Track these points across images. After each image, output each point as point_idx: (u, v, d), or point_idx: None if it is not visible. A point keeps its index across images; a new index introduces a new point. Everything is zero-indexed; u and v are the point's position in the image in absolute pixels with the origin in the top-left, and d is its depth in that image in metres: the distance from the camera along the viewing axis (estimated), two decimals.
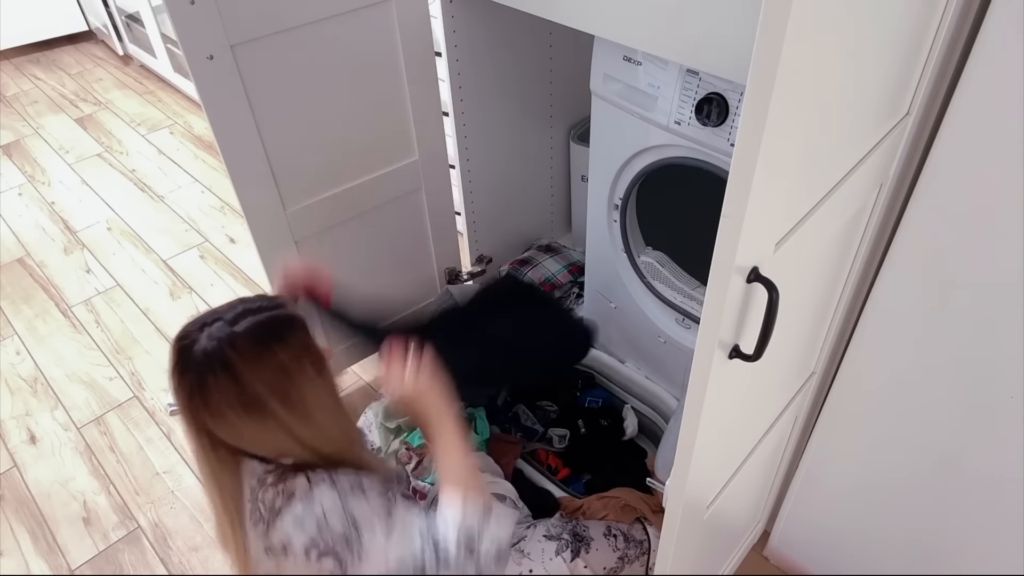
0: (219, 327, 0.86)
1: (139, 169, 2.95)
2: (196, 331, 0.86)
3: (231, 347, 0.84)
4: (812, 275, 0.90)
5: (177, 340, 0.88)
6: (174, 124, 3.25)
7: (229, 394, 0.84)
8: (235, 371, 0.84)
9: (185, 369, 0.86)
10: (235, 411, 0.85)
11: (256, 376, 0.84)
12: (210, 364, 0.84)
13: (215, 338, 0.85)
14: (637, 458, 1.62)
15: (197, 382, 0.85)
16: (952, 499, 1.09)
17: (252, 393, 0.84)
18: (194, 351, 0.85)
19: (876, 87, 0.76)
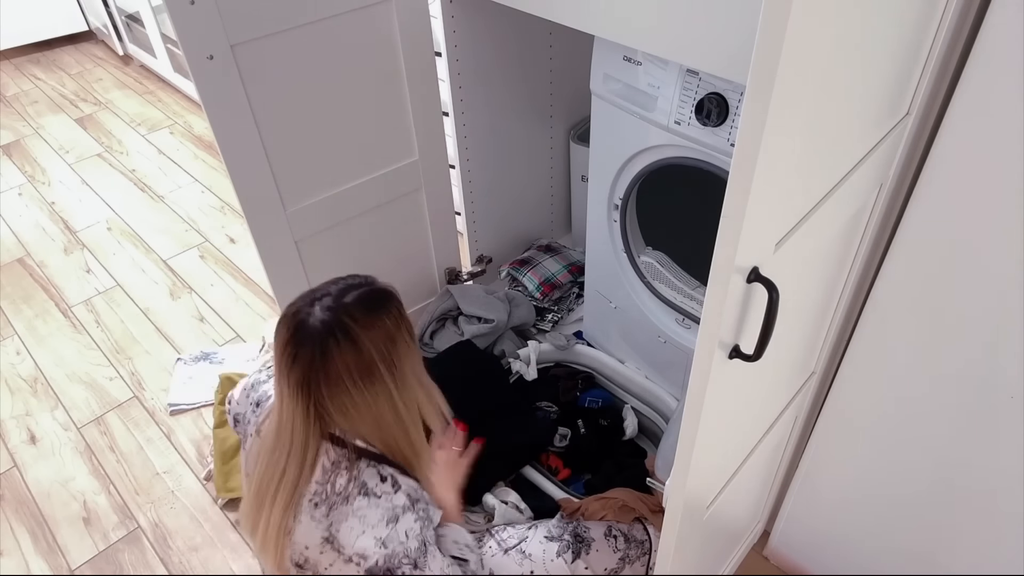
0: (329, 300, 0.93)
1: (139, 169, 2.95)
2: (307, 306, 0.93)
3: (348, 316, 0.91)
4: (812, 275, 0.90)
5: (290, 316, 0.94)
6: (174, 124, 3.25)
7: (349, 359, 0.91)
8: (353, 336, 0.90)
9: (303, 340, 0.91)
10: (352, 377, 0.91)
11: (371, 341, 0.91)
12: (331, 332, 0.90)
13: (330, 309, 0.92)
14: (637, 458, 1.62)
15: (320, 350, 0.90)
16: (952, 499, 1.09)
17: (368, 358, 0.91)
18: (310, 323, 0.91)
19: (876, 87, 0.76)
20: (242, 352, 2.08)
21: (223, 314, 2.23)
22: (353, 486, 0.94)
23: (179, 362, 2.04)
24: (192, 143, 3.11)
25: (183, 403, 1.93)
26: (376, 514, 0.94)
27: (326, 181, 1.56)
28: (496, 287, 1.93)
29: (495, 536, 1.28)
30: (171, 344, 2.13)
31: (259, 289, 2.31)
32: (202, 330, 2.18)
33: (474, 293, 1.85)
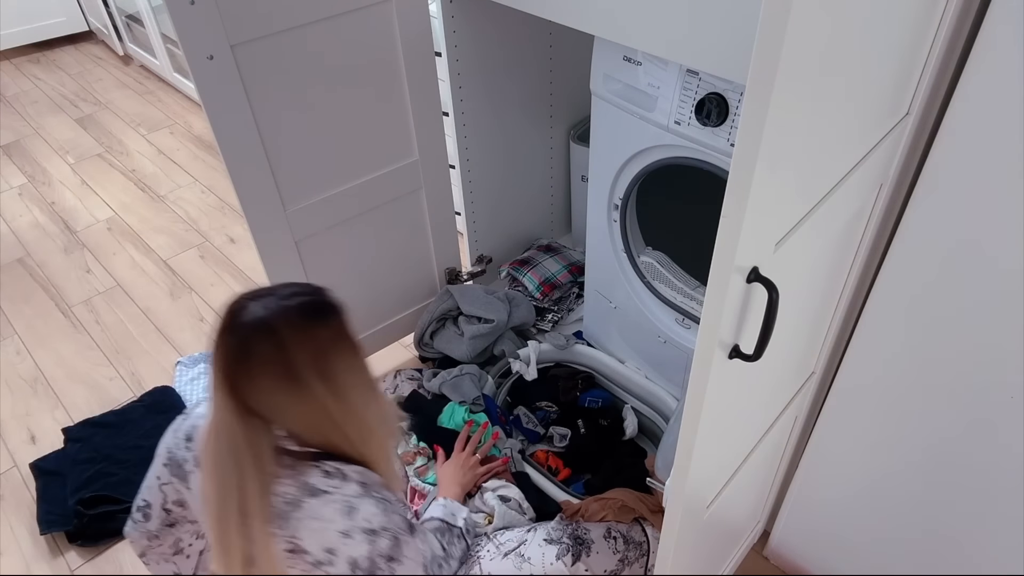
0: (271, 299, 0.91)
1: (139, 169, 2.95)
2: (248, 300, 0.92)
3: (280, 317, 0.90)
4: (812, 275, 0.90)
5: (228, 305, 0.92)
6: (174, 124, 3.25)
7: (268, 361, 0.89)
8: (279, 339, 0.89)
9: (230, 331, 0.90)
10: (272, 379, 0.89)
11: (298, 348, 0.89)
12: (257, 328, 0.89)
13: (266, 307, 0.90)
14: (637, 458, 1.62)
15: (241, 344, 0.89)
16: (952, 499, 1.09)
17: (291, 364, 0.89)
18: (243, 315, 0.90)
19: (876, 87, 0.76)
20: None
21: None
22: (299, 491, 0.91)
23: (179, 364, 2.04)
24: (192, 143, 3.11)
25: (185, 405, 1.93)
26: (331, 509, 0.91)
27: (326, 181, 1.56)
28: (496, 287, 1.93)
29: (493, 540, 1.28)
30: (171, 344, 2.13)
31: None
32: (202, 330, 2.18)
33: (474, 293, 1.85)
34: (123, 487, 1.71)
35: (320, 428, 0.94)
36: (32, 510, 1.70)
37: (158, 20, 3.21)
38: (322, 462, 0.94)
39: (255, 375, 0.89)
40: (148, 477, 1.09)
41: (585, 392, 1.74)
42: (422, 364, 1.95)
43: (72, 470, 1.74)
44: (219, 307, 0.94)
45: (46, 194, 2.82)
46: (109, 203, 2.75)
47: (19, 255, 2.51)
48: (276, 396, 0.90)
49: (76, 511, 1.63)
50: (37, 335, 2.18)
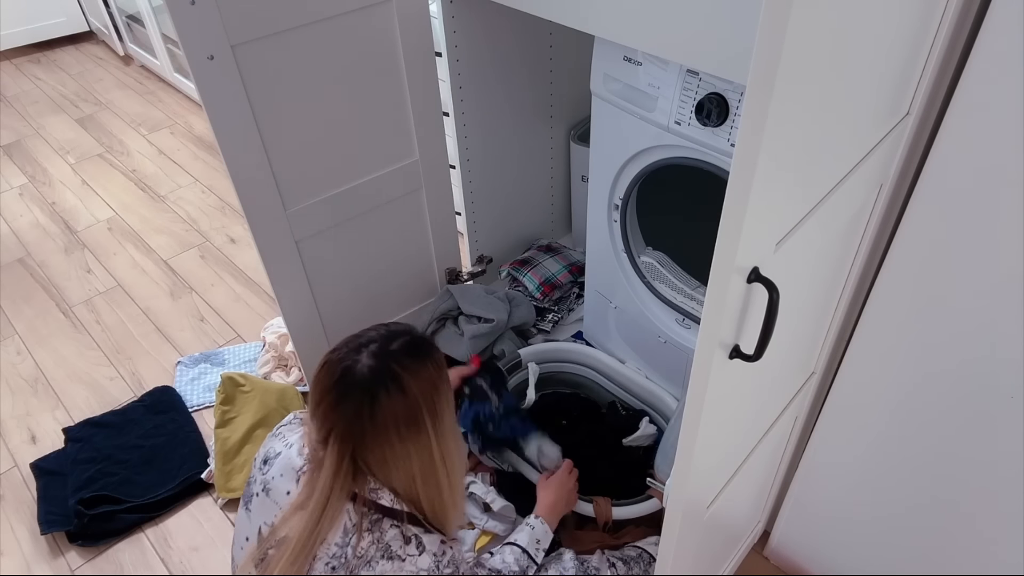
0: (375, 347, 0.92)
1: (140, 169, 2.95)
2: (352, 352, 0.92)
3: (397, 363, 0.91)
4: (812, 275, 0.90)
5: (334, 363, 0.92)
6: (175, 124, 3.25)
7: (398, 408, 0.89)
8: (403, 384, 0.90)
9: (349, 387, 0.90)
10: (398, 426, 0.90)
11: (418, 389, 0.91)
12: (382, 379, 0.89)
13: (377, 356, 0.91)
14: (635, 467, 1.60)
15: (368, 398, 0.89)
16: (952, 499, 1.09)
17: (415, 406, 0.90)
18: (357, 370, 0.90)
19: (876, 87, 0.76)
20: (243, 352, 2.08)
21: (223, 314, 2.23)
22: (376, 549, 0.91)
23: (180, 364, 2.04)
24: (192, 143, 3.11)
25: (185, 405, 1.93)
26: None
27: (326, 181, 1.56)
28: (496, 287, 1.93)
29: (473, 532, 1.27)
30: (171, 344, 2.13)
31: (259, 289, 2.31)
32: (202, 330, 2.18)
33: (474, 293, 1.85)
34: (123, 487, 1.71)
35: (418, 475, 0.94)
36: (32, 510, 1.70)
37: (158, 20, 3.21)
38: (405, 526, 0.94)
39: (380, 427, 0.90)
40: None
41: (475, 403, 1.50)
42: None
43: (72, 470, 1.74)
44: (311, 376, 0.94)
45: (47, 194, 2.82)
46: (109, 203, 2.75)
47: (20, 255, 2.51)
48: (393, 445, 0.91)
49: (76, 511, 1.63)
50: (37, 335, 2.18)
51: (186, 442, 1.82)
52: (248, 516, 1.04)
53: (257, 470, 1.04)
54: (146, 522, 1.67)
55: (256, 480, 1.03)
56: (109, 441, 1.82)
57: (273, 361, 1.98)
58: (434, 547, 0.95)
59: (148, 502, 1.69)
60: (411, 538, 0.94)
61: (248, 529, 1.03)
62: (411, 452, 0.92)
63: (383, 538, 0.92)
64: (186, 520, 1.68)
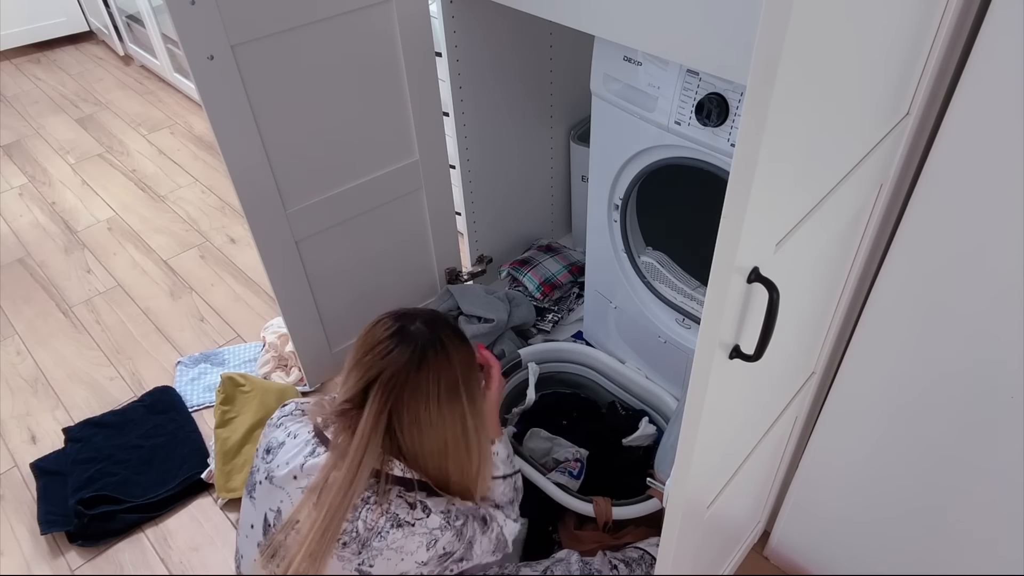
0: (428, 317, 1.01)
1: (140, 169, 2.95)
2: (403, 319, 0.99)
3: (445, 334, 0.99)
4: (812, 275, 0.90)
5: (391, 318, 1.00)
6: (175, 124, 3.25)
7: (442, 372, 0.96)
8: (448, 352, 0.97)
9: (403, 341, 0.96)
10: (438, 388, 0.95)
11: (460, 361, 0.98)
12: (432, 342, 0.96)
13: (430, 324, 0.99)
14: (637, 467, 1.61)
15: (418, 357, 0.95)
16: (952, 499, 1.09)
17: (455, 377, 0.97)
18: (413, 330, 0.97)
19: (876, 87, 0.76)
20: (243, 352, 2.08)
21: (223, 314, 2.23)
22: (385, 520, 0.94)
23: (180, 364, 2.04)
24: (192, 143, 3.11)
25: (185, 405, 1.93)
26: (414, 542, 0.95)
27: (326, 181, 1.56)
28: (496, 287, 1.93)
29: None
30: (171, 344, 2.13)
31: (259, 289, 2.31)
32: (202, 330, 2.18)
33: (474, 293, 1.85)
34: (123, 487, 1.71)
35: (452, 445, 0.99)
36: (32, 510, 1.70)
37: (158, 20, 3.21)
38: (408, 494, 0.97)
39: (423, 385, 0.95)
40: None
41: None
42: None
43: (72, 470, 1.74)
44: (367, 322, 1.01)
45: (47, 194, 2.82)
46: (109, 203, 2.75)
47: (20, 255, 2.51)
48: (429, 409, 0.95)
49: (76, 511, 1.63)
50: (37, 335, 2.18)
51: (186, 442, 1.82)
52: (252, 504, 1.05)
53: (260, 459, 1.05)
54: (146, 522, 1.67)
55: (259, 469, 1.05)
56: (109, 441, 1.82)
57: (273, 361, 1.98)
58: (440, 506, 0.98)
59: (148, 502, 1.69)
60: (415, 503, 0.97)
61: (253, 517, 1.04)
62: (445, 419, 0.97)
63: (390, 508, 0.95)
64: (186, 520, 1.68)
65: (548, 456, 1.60)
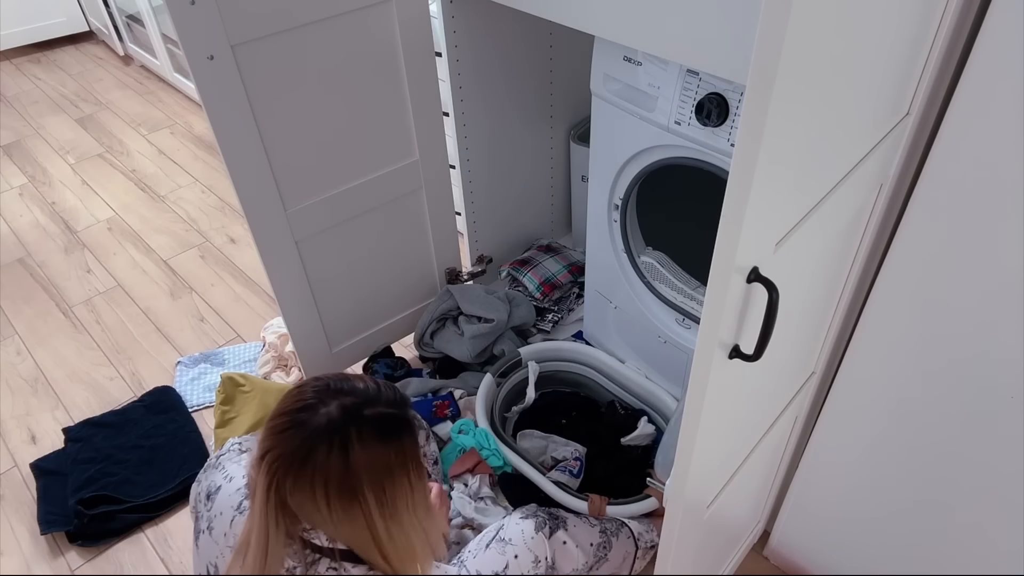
0: (347, 404, 0.86)
1: (139, 169, 2.95)
2: (325, 394, 0.86)
3: (356, 429, 0.84)
4: (812, 275, 0.90)
5: (303, 392, 0.87)
6: (174, 124, 3.25)
7: (331, 472, 0.83)
8: (348, 453, 0.83)
9: (296, 426, 0.84)
10: (325, 490, 0.84)
11: (365, 464, 0.84)
12: (328, 437, 0.83)
13: (341, 413, 0.85)
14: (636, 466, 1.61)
15: (306, 446, 0.83)
16: (952, 499, 1.09)
17: (352, 480, 0.84)
18: (318, 415, 0.85)
19: (876, 87, 0.76)
20: (243, 352, 2.08)
21: (223, 314, 2.23)
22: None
23: (180, 364, 2.04)
24: (192, 143, 3.11)
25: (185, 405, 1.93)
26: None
27: (326, 181, 1.56)
28: (496, 287, 1.93)
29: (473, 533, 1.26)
30: (171, 344, 2.13)
31: (259, 289, 2.31)
32: (202, 330, 2.18)
33: (474, 293, 1.85)
34: (123, 487, 1.71)
35: (358, 542, 0.89)
36: (32, 510, 1.70)
37: (158, 20, 3.21)
38: (341, 564, 0.90)
39: (307, 481, 0.83)
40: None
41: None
42: (422, 364, 1.95)
43: (72, 470, 1.74)
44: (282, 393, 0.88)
45: (46, 194, 2.82)
46: (109, 203, 2.75)
47: (19, 255, 2.51)
48: (322, 505, 0.84)
49: (76, 511, 1.63)
50: (37, 335, 2.18)
51: (186, 442, 1.82)
52: (198, 553, 1.01)
53: (202, 505, 1.00)
54: (146, 522, 1.67)
55: (202, 516, 1.00)
56: (109, 441, 1.82)
57: (273, 361, 1.98)
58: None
59: (148, 502, 1.69)
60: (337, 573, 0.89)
61: (199, 566, 1.00)
62: (341, 523, 0.86)
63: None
64: (186, 520, 1.68)
65: (545, 455, 1.60)
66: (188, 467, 1.76)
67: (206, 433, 1.85)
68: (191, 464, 1.76)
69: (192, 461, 1.77)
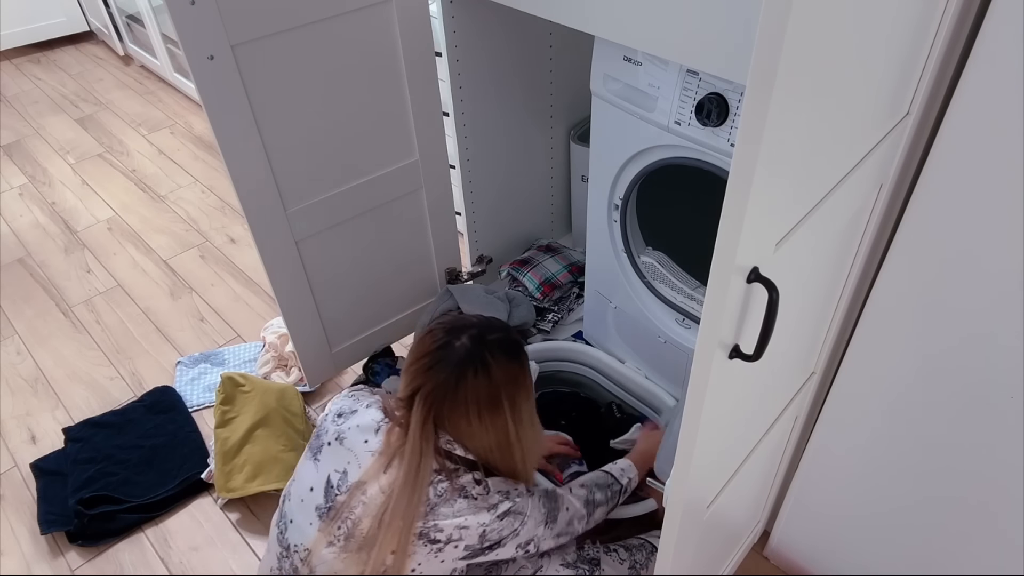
0: (475, 332, 1.04)
1: (140, 169, 2.95)
2: (454, 330, 1.04)
3: (489, 352, 1.03)
4: (812, 275, 0.90)
5: (437, 331, 1.05)
6: (175, 124, 3.25)
7: (480, 390, 1.01)
8: (490, 372, 1.02)
9: (443, 359, 1.02)
10: (478, 406, 1.01)
11: (502, 379, 1.03)
12: (472, 362, 1.02)
13: (475, 340, 1.03)
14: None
15: (455, 376, 1.01)
16: (952, 499, 1.09)
17: (496, 393, 1.02)
18: (455, 349, 1.02)
19: (876, 87, 0.76)
20: (243, 352, 2.08)
21: (223, 314, 2.23)
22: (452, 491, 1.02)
23: (179, 364, 2.04)
24: (192, 143, 3.11)
25: (185, 405, 1.93)
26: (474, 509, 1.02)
27: (326, 181, 1.56)
28: (496, 287, 1.93)
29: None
30: (171, 344, 2.13)
31: (259, 289, 2.31)
32: (202, 330, 2.18)
33: (474, 293, 1.85)
34: (123, 487, 1.71)
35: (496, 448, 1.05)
36: (32, 510, 1.70)
37: (158, 20, 3.21)
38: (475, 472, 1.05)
39: (461, 402, 1.01)
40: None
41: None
42: None
43: (72, 470, 1.74)
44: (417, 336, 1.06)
45: (47, 194, 2.82)
46: (109, 203, 2.76)
47: (20, 255, 2.51)
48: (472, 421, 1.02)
49: (76, 511, 1.63)
50: (37, 335, 2.18)
51: (186, 442, 1.82)
52: (316, 466, 1.08)
53: (330, 423, 1.11)
54: (146, 522, 1.67)
55: (328, 431, 1.10)
56: (109, 441, 1.82)
57: (273, 361, 1.98)
58: (499, 485, 1.06)
59: (148, 502, 1.69)
60: (481, 480, 1.04)
61: (315, 478, 1.07)
62: (488, 429, 1.03)
63: (458, 481, 1.02)
64: (186, 520, 1.68)
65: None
66: (188, 467, 1.76)
67: (206, 433, 1.85)
68: (191, 464, 1.76)
69: (192, 461, 1.77)
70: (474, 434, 1.03)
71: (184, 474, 1.74)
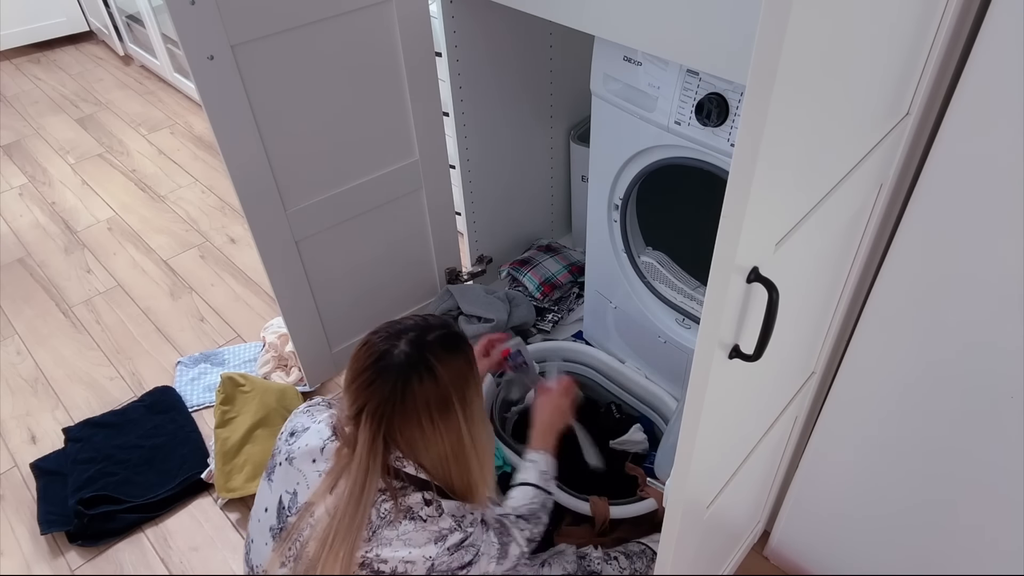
0: (413, 336, 0.99)
1: (140, 169, 2.95)
2: (391, 338, 0.99)
3: (432, 353, 0.97)
4: (812, 275, 0.90)
5: (373, 343, 0.99)
6: (175, 124, 3.25)
7: (429, 395, 0.96)
8: (436, 374, 0.96)
9: (384, 369, 0.96)
10: (429, 412, 0.96)
11: (449, 379, 0.97)
12: (415, 369, 0.96)
13: (414, 344, 0.98)
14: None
15: (400, 386, 0.95)
16: (952, 499, 1.09)
17: (446, 395, 0.97)
18: (395, 354, 0.97)
19: (876, 87, 0.76)
20: (243, 352, 2.08)
21: (223, 314, 2.23)
22: (398, 512, 0.97)
23: (179, 364, 2.04)
24: (192, 143, 3.11)
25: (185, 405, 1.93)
26: (423, 536, 0.96)
27: (326, 181, 1.56)
28: (496, 287, 1.93)
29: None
30: (171, 344, 2.13)
31: (259, 289, 2.31)
32: (202, 330, 2.18)
33: (474, 293, 1.85)
34: (123, 487, 1.71)
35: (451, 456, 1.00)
36: (32, 510, 1.70)
37: (158, 20, 3.21)
38: (425, 491, 1.00)
39: (411, 413, 0.96)
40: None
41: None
42: None
43: (72, 470, 1.74)
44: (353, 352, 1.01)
45: (47, 194, 2.82)
46: (109, 203, 2.75)
47: (19, 255, 2.51)
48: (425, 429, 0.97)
49: (76, 511, 1.63)
50: (37, 335, 2.18)
51: (186, 442, 1.82)
52: (269, 487, 1.06)
53: (283, 442, 1.08)
54: (146, 522, 1.67)
55: (280, 451, 1.07)
56: (109, 441, 1.82)
57: (273, 361, 1.98)
58: (453, 509, 1.00)
59: (148, 502, 1.69)
60: (431, 500, 0.99)
61: (269, 499, 1.05)
62: (442, 435, 0.98)
63: (405, 501, 0.97)
64: (186, 520, 1.68)
65: None
66: (188, 467, 1.76)
67: (206, 433, 1.85)
68: (191, 464, 1.76)
69: (192, 461, 1.77)
70: (428, 443, 0.98)
71: (184, 474, 1.74)
